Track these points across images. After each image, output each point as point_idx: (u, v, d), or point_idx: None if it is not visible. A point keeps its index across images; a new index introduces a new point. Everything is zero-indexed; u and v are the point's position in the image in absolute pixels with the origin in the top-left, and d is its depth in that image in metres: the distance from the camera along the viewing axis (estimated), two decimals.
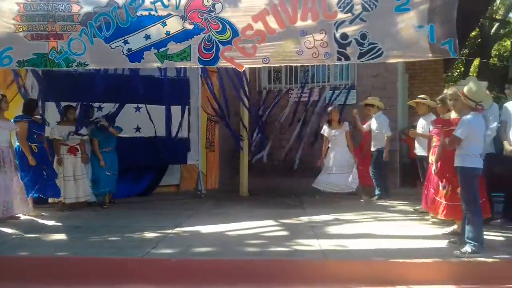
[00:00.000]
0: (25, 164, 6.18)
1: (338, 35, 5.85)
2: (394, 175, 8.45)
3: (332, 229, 5.48)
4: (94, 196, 7.08)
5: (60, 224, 5.82)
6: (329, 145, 7.03)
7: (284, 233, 5.35)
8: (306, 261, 4.23)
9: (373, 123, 7.24)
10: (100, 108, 7.60)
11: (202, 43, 5.94)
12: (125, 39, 5.82)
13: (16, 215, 6.08)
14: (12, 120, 6.24)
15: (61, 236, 5.18)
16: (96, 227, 5.62)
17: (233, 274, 4.04)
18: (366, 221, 5.93)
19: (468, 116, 4.32)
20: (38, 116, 6.44)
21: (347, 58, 5.88)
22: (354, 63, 7.38)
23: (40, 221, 6.07)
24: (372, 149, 7.23)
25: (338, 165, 6.88)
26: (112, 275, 4.04)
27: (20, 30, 5.86)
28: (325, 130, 7.04)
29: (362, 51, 5.79)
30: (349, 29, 5.81)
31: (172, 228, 5.49)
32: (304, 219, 6.06)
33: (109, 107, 7.62)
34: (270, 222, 5.87)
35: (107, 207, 7.02)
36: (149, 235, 5.19)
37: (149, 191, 8.32)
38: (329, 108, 7.39)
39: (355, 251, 4.52)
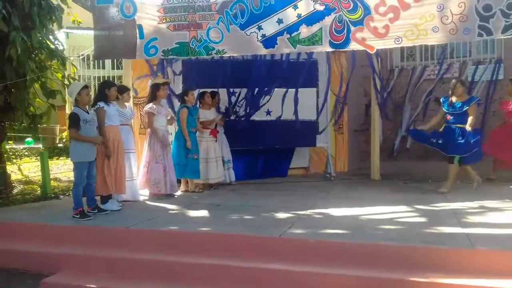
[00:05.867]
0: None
1: (480, 6, 5.39)
2: None
3: (478, 217, 5.05)
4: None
5: (203, 202, 6.25)
6: None
7: (423, 219, 5.07)
8: (451, 250, 3.96)
9: None
10: (233, 93, 7.97)
11: (333, 24, 5.90)
12: (259, 25, 6.03)
13: (174, 193, 6.69)
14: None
15: (205, 213, 5.58)
16: (234, 205, 5.95)
17: (372, 258, 3.98)
18: None
19: None
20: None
21: (489, 33, 5.43)
22: (496, 38, 6.62)
23: (188, 198, 6.59)
24: None
25: None
26: (252, 252, 4.25)
27: (164, 21, 6.39)
28: None
29: (508, 23, 5.31)
30: None
31: (305, 209, 5.57)
32: (445, 205, 5.67)
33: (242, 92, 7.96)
34: (406, 207, 5.61)
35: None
36: (283, 215, 5.33)
37: (281, 172, 8.51)
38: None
39: (506, 240, 4.11)
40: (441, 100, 6.69)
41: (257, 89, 7.94)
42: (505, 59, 8.02)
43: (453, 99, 6.42)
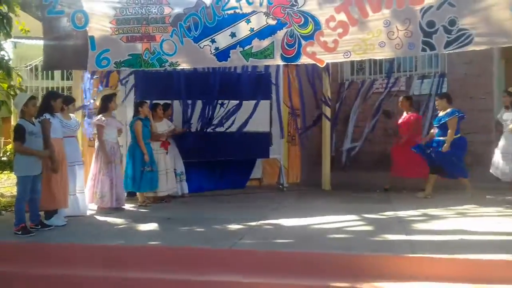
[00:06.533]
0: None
1: (424, 23, 5.65)
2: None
3: (422, 225, 5.26)
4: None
5: (153, 215, 6.16)
6: None
7: (371, 228, 5.24)
8: (396, 257, 4.09)
9: None
10: (186, 105, 7.93)
11: (285, 38, 6.03)
12: (213, 38, 6.08)
13: (122, 206, 6.57)
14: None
15: (154, 227, 5.50)
16: (185, 218, 5.90)
17: (321, 267, 4.04)
18: (456, 217, 5.61)
19: None
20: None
21: (432, 48, 5.69)
22: (439, 53, 7.01)
23: (137, 212, 6.50)
24: None
25: None
26: (201, 265, 4.21)
27: (116, 33, 6.32)
28: None
29: (449, 39, 5.56)
30: (437, 16, 5.59)
31: (256, 220, 5.60)
32: (391, 214, 5.87)
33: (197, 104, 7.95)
34: (355, 217, 5.76)
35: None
36: (235, 227, 5.35)
37: (239, 184, 8.53)
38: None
39: (445, 247, 4.29)
40: None
41: (210, 101, 7.95)
42: (448, 73, 8.43)
43: (439, 113, 6.80)
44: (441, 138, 6.67)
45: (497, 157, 6.48)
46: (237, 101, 7.99)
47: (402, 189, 7.48)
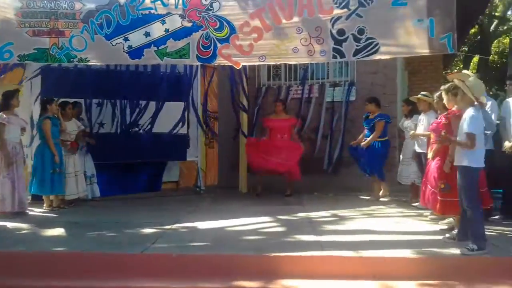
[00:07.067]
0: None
1: (334, 31, 5.89)
2: (395, 172, 8.46)
3: (331, 226, 5.50)
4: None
5: (60, 220, 5.85)
6: None
7: (283, 229, 5.39)
8: (304, 256, 4.24)
9: (421, 123, 6.39)
10: (99, 105, 7.62)
11: (200, 40, 6.01)
12: (126, 36, 5.89)
13: (25, 210, 6.16)
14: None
15: (60, 232, 5.21)
16: (95, 222, 5.66)
17: (232, 269, 4.05)
18: (363, 218, 5.96)
19: (473, 112, 4.22)
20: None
21: (342, 55, 5.94)
22: (349, 60, 7.39)
23: (42, 216, 6.15)
24: (419, 150, 6.44)
25: None
26: (111, 271, 4.04)
27: (22, 26, 5.93)
28: None
29: (358, 47, 5.83)
30: (346, 25, 5.85)
31: (171, 224, 5.52)
32: (303, 215, 6.08)
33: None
34: (269, 218, 5.90)
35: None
36: (148, 231, 5.23)
37: (155, 187, 8.35)
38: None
39: (352, 245, 4.53)
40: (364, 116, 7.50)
41: (126, 101, 7.74)
42: (357, 82, 8.89)
43: (370, 115, 7.28)
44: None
45: (400, 163, 7.03)
46: (154, 102, 7.83)
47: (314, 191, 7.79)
